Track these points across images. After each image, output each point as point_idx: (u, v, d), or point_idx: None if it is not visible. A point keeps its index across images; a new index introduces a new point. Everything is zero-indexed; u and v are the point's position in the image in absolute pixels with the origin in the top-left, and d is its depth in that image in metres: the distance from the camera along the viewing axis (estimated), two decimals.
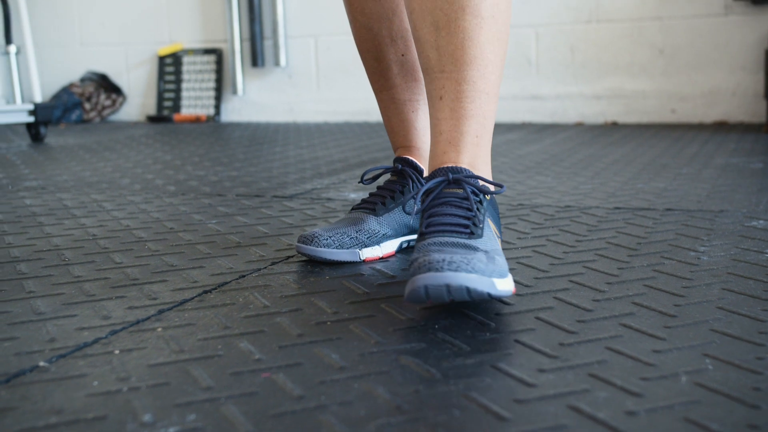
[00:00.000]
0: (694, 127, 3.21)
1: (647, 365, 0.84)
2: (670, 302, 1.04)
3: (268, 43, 3.89)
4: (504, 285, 0.96)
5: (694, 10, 3.31)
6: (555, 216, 1.57)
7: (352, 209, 1.31)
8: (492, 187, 1.27)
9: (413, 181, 1.30)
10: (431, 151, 1.10)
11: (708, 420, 0.71)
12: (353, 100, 3.79)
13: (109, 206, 1.78)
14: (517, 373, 0.82)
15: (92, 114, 4.12)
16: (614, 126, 3.36)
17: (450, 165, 1.07)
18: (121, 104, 4.18)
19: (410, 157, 1.31)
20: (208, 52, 4.02)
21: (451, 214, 1.03)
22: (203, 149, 2.84)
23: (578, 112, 3.52)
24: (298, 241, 1.24)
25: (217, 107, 4.00)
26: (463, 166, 1.07)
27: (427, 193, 1.07)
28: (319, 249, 1.22)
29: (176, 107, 4.05)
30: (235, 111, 4.01)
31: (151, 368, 0.85)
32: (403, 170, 1.30)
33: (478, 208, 1.05)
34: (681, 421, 0.71)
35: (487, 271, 0.94)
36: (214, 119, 3.99)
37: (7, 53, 4.35)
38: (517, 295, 1.08)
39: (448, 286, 0.91)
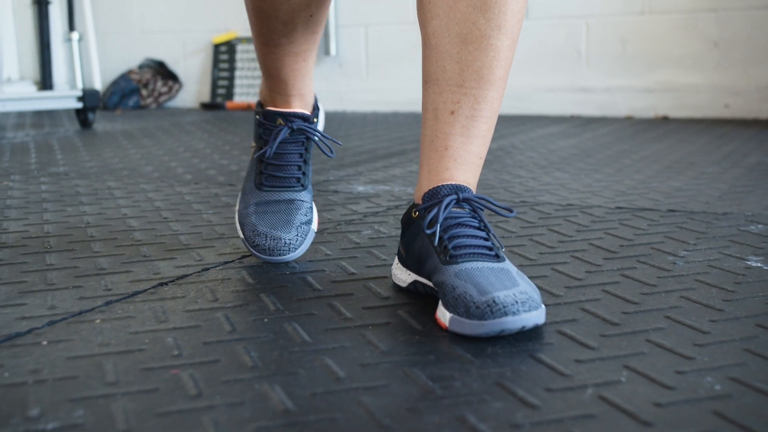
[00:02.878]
0: (746, 122, 3.11)
1: (562, 375, 0.81)
2: (619, 309, 1.00)
3: None
4: None
5: (751, 1, 3.20)
6: (551, 215, 1.53)
7: (272, 187, 1.27)
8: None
9: (309, 139, 1.29)
10: (430, 164, 1.05)
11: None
12: (402, 90, 3.77)
13: (118, 194, 1.81)
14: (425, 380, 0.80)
15: (149, 100, 4.20)
16: (664, 120, 3.27)
17: (453, 183, 1.04)
18: (177, 91, 4.25)
19: (302, 111, 1.27)
20: None
21: (473, 236, 1.01)
22: (239, 137, 2.86)
23: (628, 105, 3.43)
24: (268, 254, 1.21)
25: None
26: (465, 185, 1.05)
27: (427, 211, 1.03)
28: (294, 254, 1.21)
29: (229, 95, 4.10)
30: None
31: (69, 360, 0.86)
32: (301, 128, 1.27)
33: (489, 229, 1.03)
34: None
35: (540, 300, 0.94)
36: None
37: (69, 40, 4.47)
38: None
39: (523, 327, 0.91)
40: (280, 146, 1.25)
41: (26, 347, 0.90)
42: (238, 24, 4.13)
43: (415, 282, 1.07)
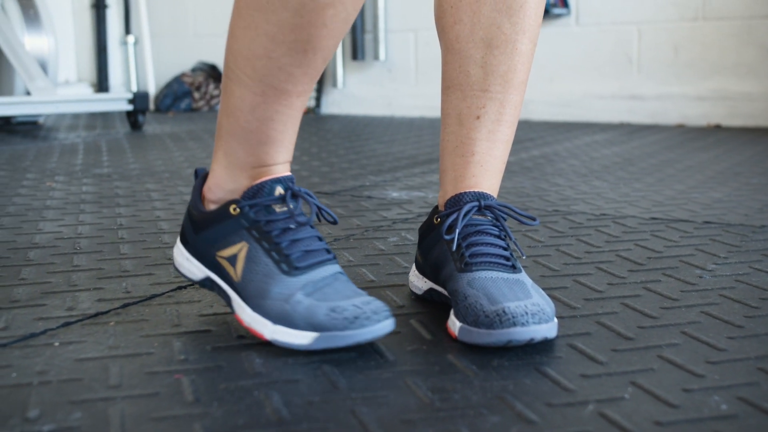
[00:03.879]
0: None
1: (565, 390, 0.80)
2: (636, 324, 0.98)
3: (368, 37, 3.91)
4: None
5: None
6: (583, 224, 1.51)
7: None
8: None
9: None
10: (455, 170, 1.04)
11: None
12: None
13: (155, 196, 1.83)
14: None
15: (201, 103, 4.25)
16: (716, 129, 3.20)
17: (477, 190, 1.03)
18: None
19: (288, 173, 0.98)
20: None
21: (491, 244, 1.00)
22: None
23: (680, 113, 3.37)
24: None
25: (318, 99, 4.05)
26: (489, 192, 1.04)
27: (447, 217, 1.02)
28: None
29: None
30: (335, 103, 4.05)
31: (76, 362, 0.87)
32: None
33: (511, 237, 1.02)
34: None
35: (552, 314, 0.93)
36: (314, 111, 4.04)
37: (125, 43, 4.54)
38: None
39: (531, 339, 0.90)
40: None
41: (38, 348, 0.92)
42: None
43: (431, 290, 1.06)
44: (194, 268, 0.98)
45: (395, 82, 3.90)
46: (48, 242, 1.40)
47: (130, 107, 3.24)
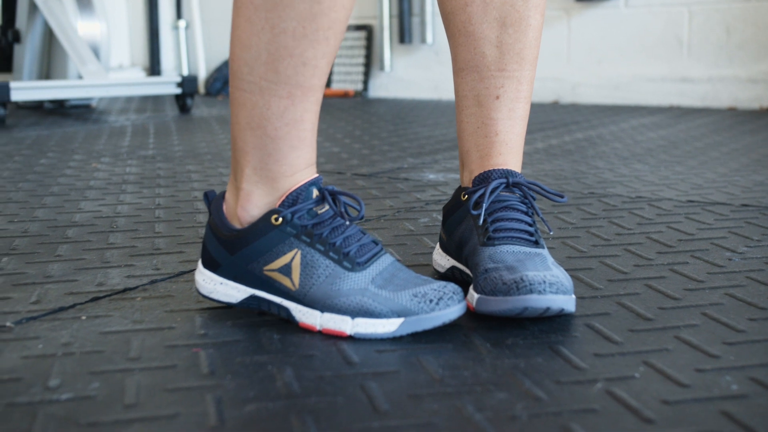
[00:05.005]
0: None
1: (576, 368, 0.80)
2: (656, 305, 0.98)
3: (415, 20, 3.90)
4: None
5: None
6: (617, 207, 1.50)
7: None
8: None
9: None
10: (480, 149, 1.05)
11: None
12: None
13: (195, 177, 1.86)
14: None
15: None
16: None
17: (505, 168, 1.04)
18: None
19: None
20: (359, 28, 4.08)
21: (516, 220, 1.01)
22: (326, 124, 2.90)
23: (731, 96, 3.31)
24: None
25: (365, 83, 4.06)
26: (516, 169, 1.05)
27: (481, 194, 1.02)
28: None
29: (327, 82, 4.15)
30: (382, 87, 4.06)
31: (101, 335, 0.90)
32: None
33: (538, 213, 1.03)
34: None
35: (570, 288, 0.93)
36: (361, 95, 4.06)
37: (176, 28, 4.60)
38: None
39: (547, 309, 0.90)
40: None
41: (66, 321, 0.94)
42: None
43: (452, 268, 1.07)
44: (232, 291, 0.95)
45: (442, 66, 3.89)
46: (86, 221, 1.44)
47: (178, 91, 3.28)
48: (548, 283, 0.90)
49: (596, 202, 1.54)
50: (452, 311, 0.89)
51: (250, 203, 0.93)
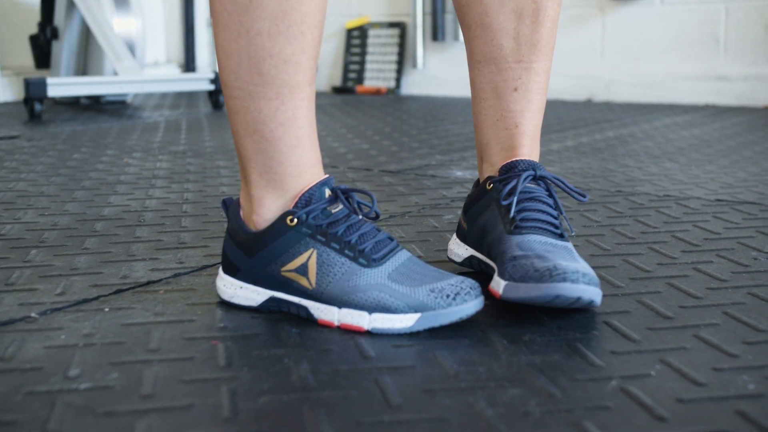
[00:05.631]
0: None
1: (592, 366, 0.80)
2: (677, 303, 0.97)
3: (448, 18, 3.89)
4: None
5: None
6: (643, 205, 1.49)
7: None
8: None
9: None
10: (501, 142, 1.05)
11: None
12: None
13: (224, 172, 1.88)
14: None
15: None
16: None
17: (528, 159, 1.04)
18: None
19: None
20: (392, 25, 4.08)
21: (543, 211, 1.01)
22: (356, 121, 2.90)
23: None
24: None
25: (398, 80, 4.06)
26: (537, 160, 1.06)
27: (504, 183, 1.03)
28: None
29: (360, 79, 4.15)
30: (414, 84, 4.06)
31: (122, 327, 0.91)
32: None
33: (561, 209, 1.03)
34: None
35: (599, 282, 0.93)
36: (394, 92, 4.06)
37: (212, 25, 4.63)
38: None
39: (578, 299, 0.90)
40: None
41: (89, 312, 0.96)
42: (370, 8, 4.18)
43: (471, 257, 1.08)
44: (252, 294, 0.95)
45: None
46: (115, 215, 1.46)
47: (212, 87, 3.31)
48: (581, 273, 0.90)
49: (623, 201, 1.53)
50: (469, 306, 0.89)
51: (263, 207, 0.94)
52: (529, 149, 1.05)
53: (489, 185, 1.05)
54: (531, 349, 0.84)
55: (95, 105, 3.49)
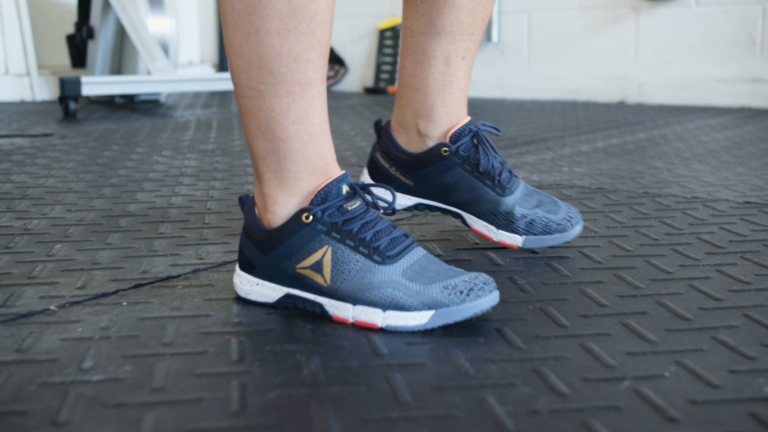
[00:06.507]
0: None
1: (605, 366, 0.79)
2: (697, 305, 0.96)
3: None
4: None
5: None
6: (670, 207, 1.48)
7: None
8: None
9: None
10: (446, 104, 1.19)
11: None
12: (563, 77, 3.70)
13: (251, 171, 1.88)
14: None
15: None
16: None
17: (470, 120, 1.19)
18: (343, 75, 4.35)
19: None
20: None
21: (501, 162, 1.20)
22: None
23: None
24: None
25: None
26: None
27: (474, 155, 1.19)
28: None
29: (392, 80, 4.16)
30: None
31: (138, 321, 0.92)
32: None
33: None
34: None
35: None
36: None
37: None
38: (544, 284, 1.04)
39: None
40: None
41: (107, 306, 0.97)
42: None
43: (418, 204, 1.23)
44: (268, 291, 0.96)
45: (507, 64, 3.87)
46: (140, 211, 1.47)
47: None
48: (574, 210, 1.20)
49: (649, 202, 1.52)
50: (483, 302, 0.88)
51: (277, 206, 0.95)
52: (465, 111, 1.21)
53: (445, 151, 1.18)
54: (545, 348, 0.84)
55: (129, 104, 3.52)
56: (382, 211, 0.96)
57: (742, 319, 0.91)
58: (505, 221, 1.17)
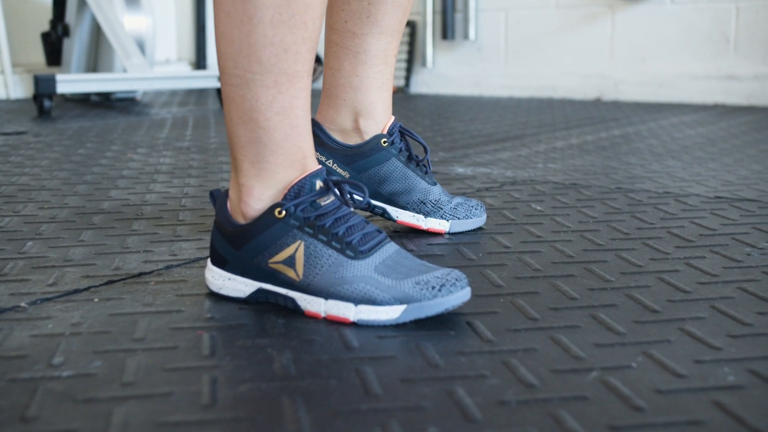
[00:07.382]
0: None
1: (574, 358, 0.80)
2: (666, 297, 0.97)
3: (458, 17, 3.89)
4: None
5: None
6: (642, 202, 1.49)
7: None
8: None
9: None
10: (384, 102, 1.25)
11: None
12: (540, 75, 3.72)
13: (226, 168, 1.88)
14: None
15: None
16: None
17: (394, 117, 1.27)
18: (320, 73, 4.34)
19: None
20: None
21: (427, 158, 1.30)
22: None
23: None
24: None
25: (408, 78, 4.06)
26: None
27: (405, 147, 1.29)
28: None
29: None
30: (424, 83, 4.06)
31: (110, 317, 0.92)
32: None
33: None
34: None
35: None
36: (403, 90, 4.06)
37: None
38: (516, 278, 1.05)
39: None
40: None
41: (79, 303, 0.97)
42: None
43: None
44: (240, 285, 0.96)
45: (484, 62, 3.88)
46: (113, 208, 1.46)
47: (218, 84, 3.32)
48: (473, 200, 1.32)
49: (621, 197, 1.53)
50: (455, 298, 0.89)
51: (252, 197, 0.95)
52: (391, 108, 1.28)
53: (384, 142, 1.25)
54: (515, 341, 0.84)
55: (105, 102, 3.50)
56: (352, 208, 0.96)
57: (709, 310, 0.92)
58: (434, 208, 1.26)
